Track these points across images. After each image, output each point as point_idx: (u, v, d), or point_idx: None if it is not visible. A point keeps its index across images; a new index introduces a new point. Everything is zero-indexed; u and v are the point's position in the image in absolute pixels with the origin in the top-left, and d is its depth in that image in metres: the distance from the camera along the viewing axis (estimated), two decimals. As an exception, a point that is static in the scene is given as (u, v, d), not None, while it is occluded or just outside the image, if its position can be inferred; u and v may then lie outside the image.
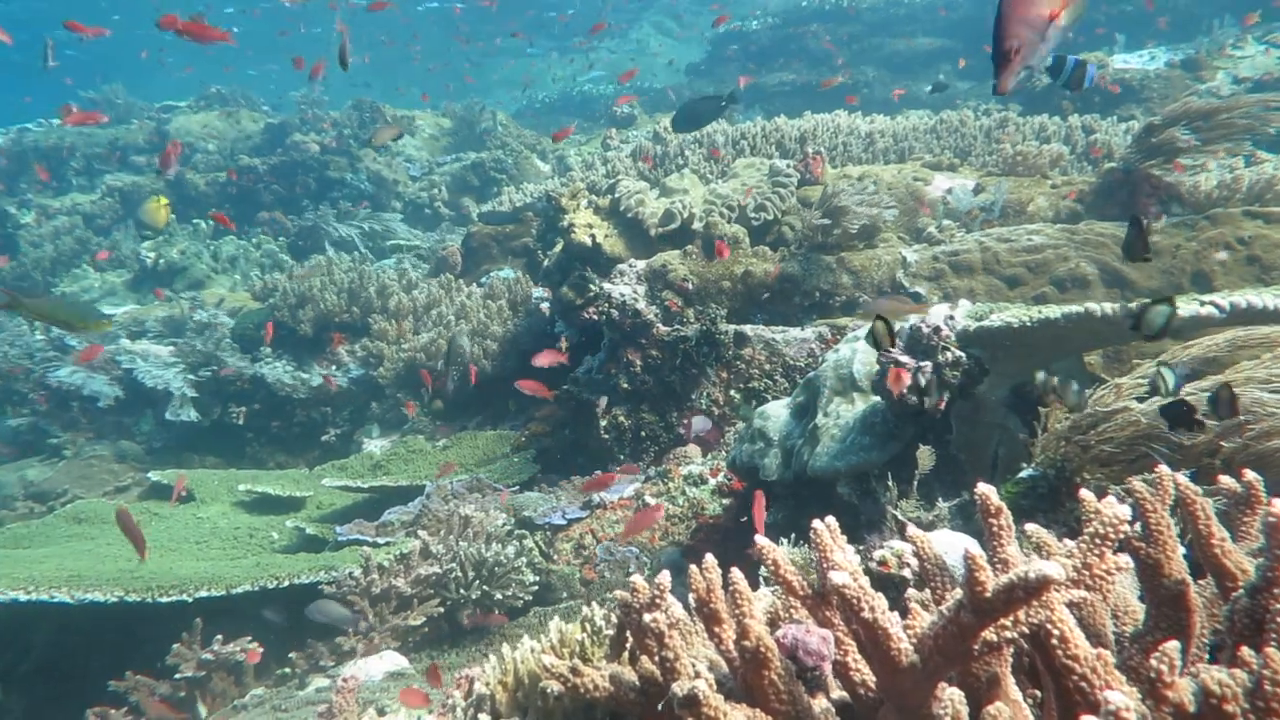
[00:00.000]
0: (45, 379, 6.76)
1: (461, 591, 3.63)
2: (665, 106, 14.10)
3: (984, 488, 1.08)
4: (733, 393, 4.66)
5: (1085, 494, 1.15)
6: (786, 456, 3.24)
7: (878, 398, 2.93)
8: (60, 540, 4.60)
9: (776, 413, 3.43)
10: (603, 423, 4.72)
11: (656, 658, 1.07)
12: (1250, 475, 1.23)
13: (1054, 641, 0.94)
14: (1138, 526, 1.14)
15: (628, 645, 1.25)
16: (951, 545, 1.94)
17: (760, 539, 1.16)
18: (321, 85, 11.69)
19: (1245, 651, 0.86)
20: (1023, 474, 2.33)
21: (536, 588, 3.78)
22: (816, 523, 1.12)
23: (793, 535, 2.74)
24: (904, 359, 2.78)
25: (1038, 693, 1.14)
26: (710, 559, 1.18)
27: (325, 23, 22.50)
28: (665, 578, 1.15)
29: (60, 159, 12.14)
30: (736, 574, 1.11)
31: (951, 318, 2.86)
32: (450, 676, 3.12)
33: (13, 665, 3.76)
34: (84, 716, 3.19)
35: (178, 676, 3.30)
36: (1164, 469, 1.15)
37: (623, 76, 10.31)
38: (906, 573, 1.98)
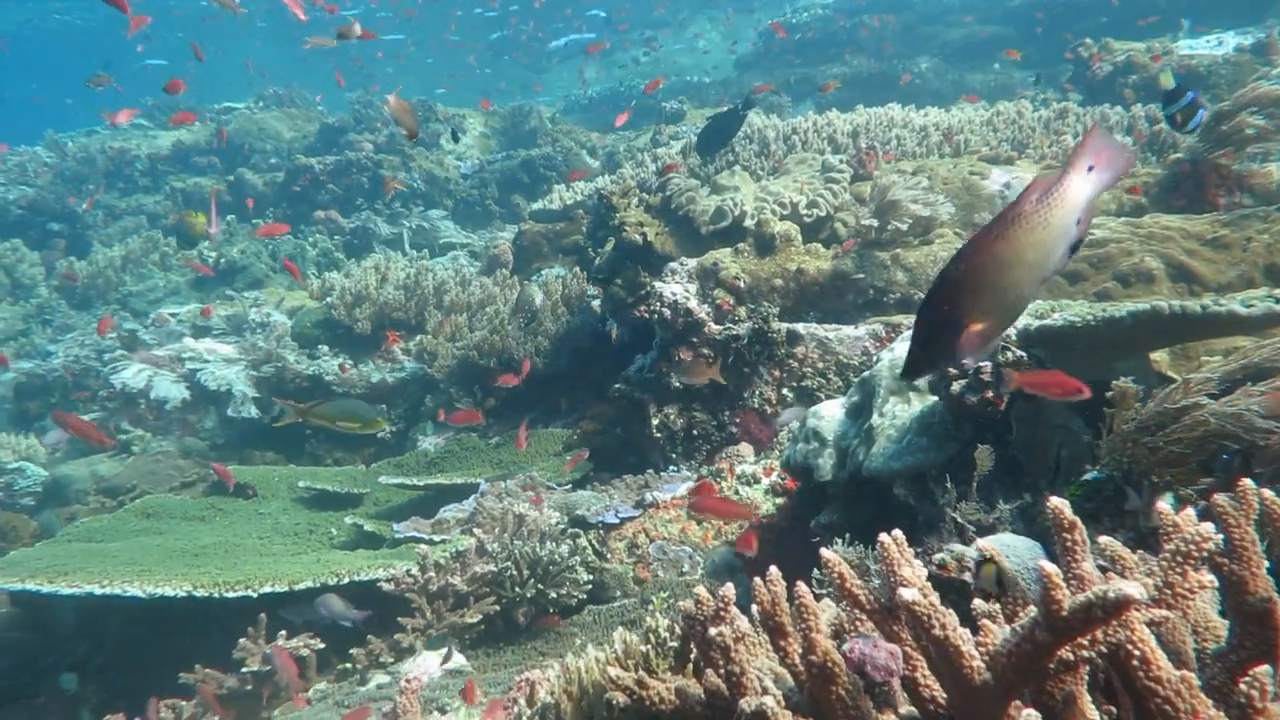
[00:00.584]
0: (110, 380, 6.97)
1: (517, 590, 3.66)
2: (713, 102, 14.05)
3: (1056, 501, 1.05)
4: (785, 391, 4.62)
5: (1163, 507, 1.12)
6: (841, 457, 3.21)
7: (935, 397, 2.88)
8: (130, 534, 4.74)
9: (831, 412, 3.39)
10: (654, 421, 4.72)
11: (722, 671, 1.06)
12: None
13: (1135, 663, 0.91)
14: (1219, 539, 1.10)
15: (691, 657, 1.25)
16: (1013, 548, 1.91)
17: (826, 551, 1.15)
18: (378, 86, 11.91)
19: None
20: (1087, 476, 2.27)
21: (590, 586, 3.80)
22: (884, 536, 1.11)
23: (846, 535, 2.72)
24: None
25: (1113, 709, 1.12)
26: (774, 571, 1.17)
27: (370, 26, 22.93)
28: (729, 590, 1.14)
29: (125, 160, 12.52)
30: (802, 588, 1.10)
31: (1012, 316, 2.80)
32: (507, 674, 3.15)
33: (88, 656, 3.89)
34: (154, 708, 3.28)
35: (244, 670, 3.39)
36: (1248, 482, 1.11)
37: (648, 87, 10.35)
38: (967, 576, 1.95)
